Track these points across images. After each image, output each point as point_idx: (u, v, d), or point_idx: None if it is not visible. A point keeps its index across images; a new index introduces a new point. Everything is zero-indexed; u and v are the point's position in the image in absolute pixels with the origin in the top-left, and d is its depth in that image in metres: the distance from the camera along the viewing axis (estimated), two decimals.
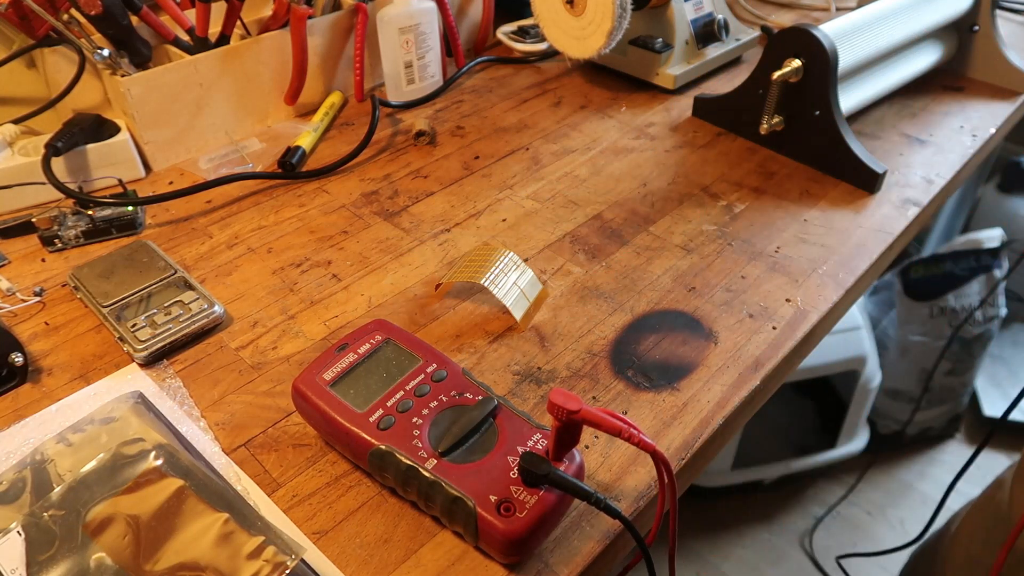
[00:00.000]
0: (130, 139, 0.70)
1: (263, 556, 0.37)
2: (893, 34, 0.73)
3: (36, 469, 0.42)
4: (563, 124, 0.80)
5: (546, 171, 0.72)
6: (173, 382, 0.50)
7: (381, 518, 0.41)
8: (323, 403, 0.42)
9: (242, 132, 0.78)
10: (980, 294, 1.42)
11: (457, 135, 0.79)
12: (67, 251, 0.62)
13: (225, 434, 0.47)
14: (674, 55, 0.84)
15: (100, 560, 0.37)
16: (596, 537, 0.40)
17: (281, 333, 0.54)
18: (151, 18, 0.72)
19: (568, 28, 0.82)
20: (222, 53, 0.73)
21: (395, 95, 0.84)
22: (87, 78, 0.71)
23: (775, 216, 0.65)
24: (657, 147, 0.76)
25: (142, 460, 0.41)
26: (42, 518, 0.39)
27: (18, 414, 0.48)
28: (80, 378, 0.51)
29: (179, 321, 0.53)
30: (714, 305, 0.56)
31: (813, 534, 1.41)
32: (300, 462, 0.45)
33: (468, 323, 0.55)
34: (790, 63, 0.66)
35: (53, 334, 0.54)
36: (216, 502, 0.39)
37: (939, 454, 1.57)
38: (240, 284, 0.59)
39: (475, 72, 0.92)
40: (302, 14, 0.74)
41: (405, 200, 0.69)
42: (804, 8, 1.05)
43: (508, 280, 0.54)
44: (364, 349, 0.45)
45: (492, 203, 0.68)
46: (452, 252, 0.62)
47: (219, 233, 0.65)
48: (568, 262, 0.61)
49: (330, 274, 0.60)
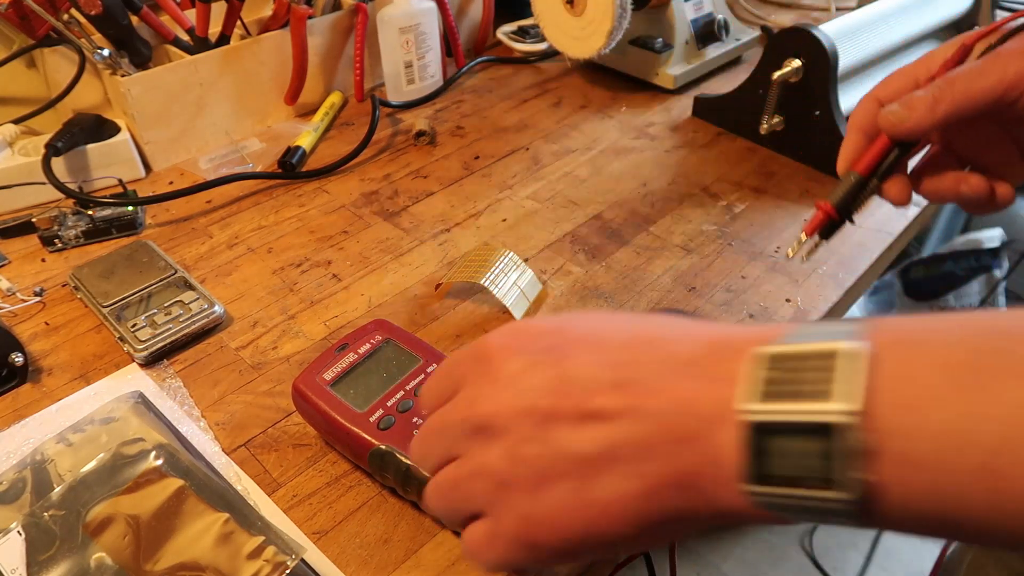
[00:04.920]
0: (130, 139, 0.70)
1: (263, 556, 0.37)
2: (893, 34, 0.73)
3: (36, 469, 0.42)
4: (563, 124, 0.80)
5: (546, 171, 0.72)
6: (173, 382, 0.50)
7: (381, 518, 0.41)
8: (323, 403, 0.42)
9: (242, 132, 0.78)
10: (980, 294, 1.42)
11: (457, 135, 0.79)
12: (67, 251, 0.62)
13: (225, 434, 0.47)
14: (674, 55, 0.84)
15: (100, 560, 0.37)
16: None
17: (281, 333, 0.54)
18: (151, 18, 0.72)
19: (568, 28, 0.82)
20: (222, 53, 0.73)
21: (395, 95, 0.84)
22: (87, 78, 0.71)
23: (775, 216, 0.65)
24: (657, 147, 0.76)
25: (142, 460, 0.41)
26: (42, 518, 0.39)
27: (18, 414, 0.48)
28: (80, 378, 0.51)
29: (179, 321, 0.53)
30: (714, 305, 0.56)
31: (813, 534, 1.41)
32: (300, 462, 0.45)
33: (468, 323, 0.55)
34: (790, 63, 0.66)
35: (53, 334, 0.54)
36: (216, 502, 0.39)
37: None
38: (240, 284, 0.59)
39: (475, 72, 0.92)
40: (302, 14, 0.75)
41: (405, 200, 0.69)
42: (804, 8, 1.05)
43: (508, 280, 0.54)
44: (364, 349, 0.45)
45: (492, 203, 0.68)
46: (452, 252, 0.62)
47: (219, 233, 0.65)
48: (568, 262, 0.61)
49: (330, 274, 0.60)
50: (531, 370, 0.28)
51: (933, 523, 0.21)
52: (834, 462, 0.21)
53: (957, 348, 0.21)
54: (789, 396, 0.22)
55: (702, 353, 0.26)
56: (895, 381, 0.21)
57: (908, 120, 0.37)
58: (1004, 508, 0.20)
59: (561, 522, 0.27)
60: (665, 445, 0.25)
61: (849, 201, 0.42)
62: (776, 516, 0.23)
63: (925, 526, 0.21)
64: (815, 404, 0.22)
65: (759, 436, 0.22)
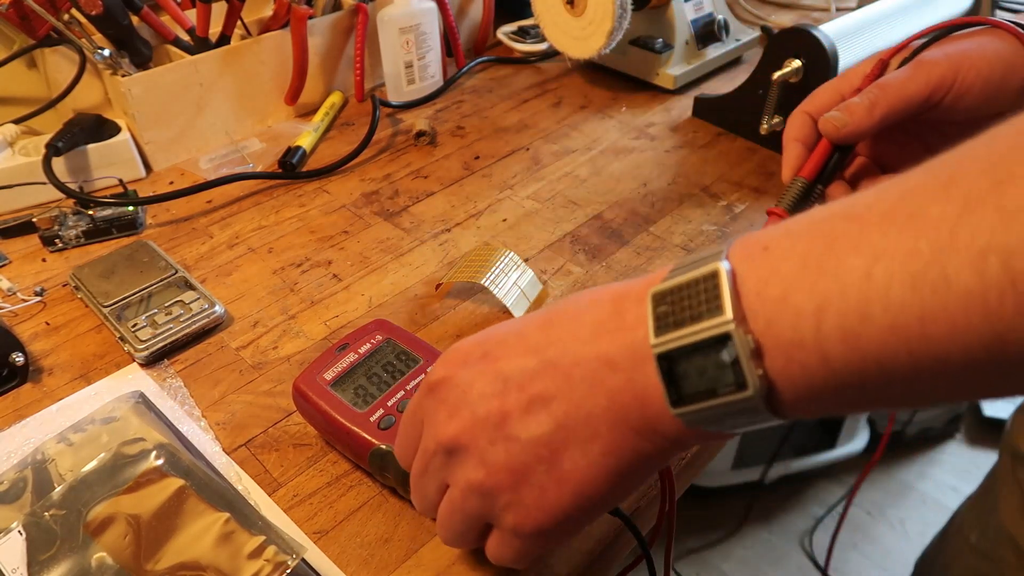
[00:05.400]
0: (130, 139, 0.70)
1: (264, 556, 0.37)
2: (893, 34, 0.73)
3: (37, 469, 0.42)
4: (563, 124, 0.80)
5: (546, 171, 0.72)
6: (174, 382, 0.50)
7: (382, 518, 0.41)
8: (324, 403, 0.42)
9: (242, 132, 0.78)
10: None
11: (457, 135, 0.79)
12: (68, 251, 0.62)
13: (226, 434, 0.47)
14: (674, 55, 0.84)
15: (101, 560, 0.37)
16: (596, 537, 0.40)
17: (282, 333, 0.54)
18: (151, 18, 0.72)
19: (568, 28, 0.82)
20: (222, 53, 0.73)
21: (395, 95, 0.84)
22: (88, 78, 0.71)
23: None
24: (657, 147, 0.76)
25: (143, 460, 0.41)
26: (43, 518, 0.39)
27: (19, 414, 0.48)
28: (81, 378, 0.51)
29: (180, 321, 0.53)
30: None
31: (813, 534, 1.41)
32: (301, 462, 0.45)
33: (468, 323, 0.55)
34: (790, 63, 0.66)
35: (54, 334, 0.54)
36: (217, 502, 0.39)
37: (939, 454, 1.57)
38: (240, 284, 0.59)
39: (475, 72, 0.92)
40: (302, 14, 0.75)
41: (405, 200, 0.69)
42: (804, 8, 1.05)
43: (508, 280, 0.54)
44: (364, 349, 0.45)
45: (492, 203, 0.68)
46: (452, 252, 0.62)
47: (220, 233, 0.65)
48: (568, 262, 0.61)
49: (330, 274, 0.60)
50: (473, 383, 0.30)
51: (831, 396, 0.23)
52: (730, 368, 0.24)
53: (812, 239, 0.24)
54: (678, 324, 0.25)
55: (607, 312, 0.28)
56: (759, 283, 0.24)
57: (849, 124, 0.42)
58: (867, 369, 0.22)
59: (551, 503, 0.29)
60: (601, 402, 0.27)
61: (798, 205, 0.45)
62: (709, 432, 0.26)
63: (827, 401, 0.24)
64: (699, 324, 0.24)
65: (667, 364, 0.25)
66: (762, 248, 0.25)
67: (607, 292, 0.29)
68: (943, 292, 0.20)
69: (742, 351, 0.23)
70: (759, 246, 0.25)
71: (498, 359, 0.30)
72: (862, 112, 0.42)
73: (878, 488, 1.50)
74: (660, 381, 0.25)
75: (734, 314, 0.24)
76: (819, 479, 1.51)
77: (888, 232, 0.22)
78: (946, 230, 0.20)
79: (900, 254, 0.21)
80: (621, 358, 0.27)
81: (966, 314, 0.20)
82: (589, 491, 0.28)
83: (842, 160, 0.44)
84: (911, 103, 0.41)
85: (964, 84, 0.40)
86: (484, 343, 0.31)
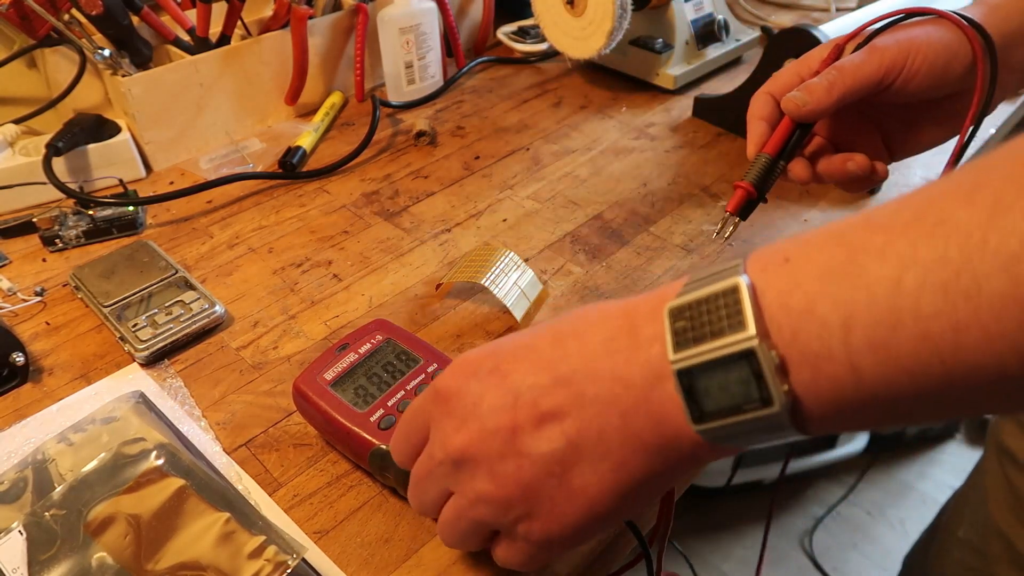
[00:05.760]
0: (131, 139, 0.70)
1: (264, 555, 0.37)
2: None
3: (37, 469, 0.42)
4: (563, 124, 0.80)
5: (546, 171, 0.72)
6: (174, 382, 0.50)
7: (382, 517, 0.42)
8: (324, 403, 0.42)
9: (243, 132, 0.78)
10: None
11: (457, 135, 0.79)
12: (68, 251, 0.62)
13: (226, 434, 0.47)
14: (674, 55, 0.84)
15: (101, 559, 0.37)
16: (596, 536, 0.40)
17: (282, 333, 0.54)
18: (152, 18, 0.72)
19: (568, 28, 0.82)
20: (223, 53, 0.73)
21: (395, 95, 0.84)
22: (88, 78, 0.71)
23: (775, 216, 0.65)
24: (657, 147, 0.76)
25: (143, 460, 0.41)
26: (43, 518, 0.39)
27: (19, 414, 0.48)
28: (81, 378, 0.51)
29: (180, 321, 0.53)
30: None
31: (813, 534, 1.41)
32: (301, 462, 0.45)
33: (469, 323, 0.55)
34: (790, 63, 0.66)
35: (54, 334, 0.54)
36: (217, 502, 0.39)
37: (939, 454, 1.57)
38: (241, 284, 0.59)
39: (475, 72, 0.92)
40: (303, 14, 0.75)
41: (406, 200, 0.69)
42: (804, 8, 1.05)
43: (508, 280, 0.54)
44: (365, 349, 0.45)
45: (492, 203, 0.68)
46: (452, 252, 0.62)
47: (220, 233, 0.65)
48: (568, 262, 0.61)
49: (331, 274, 0.60)
50: (483, 396, 0.30)
51: (857, 409, 0.23)
52: (755, 384, 0.23)
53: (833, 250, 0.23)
54: (698, 340, 0.25)
55: (618, 327, 0.28)
56: (781, 295, 0.24)
57: (809, 103, 0.44)
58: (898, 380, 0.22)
59: (561, 516, 0.29)
60: (615, 421, 0.27)
61: (763, 180, 0.47)
62: (727, 447, 0.26)
63: (853, 415, 0.23)
64: (720, 340, 0.24)
65: (687, 380, 0.25)
66: (783, 259, 0.24)
67: (617, 307, 0.29)
68: (975, 299, 0.20)
69: (767, 366, 0.23)
70: (779, 257, 0.24)
71: (509, 373, 0.30)
72: (821, 92, 0.44)
73: (878, 488, 1.50)
74: (680, 398, 0.25)
75: (757, 329, 0.23)
76: (819, 479, 1.51)
77: (916, 240, 0.21)
78: (976, 236, 0.20)
79: (930, 261, 0.21)
80: (636, 376, 0.26)
81: (999, 321, 0.20)
82: (599, 508, 0.28)
83: (802, 138, 0.47)
84: (866, 84, 0.43)
85: (913, 68, 0.42)
86: (494, 355, 0.31)
